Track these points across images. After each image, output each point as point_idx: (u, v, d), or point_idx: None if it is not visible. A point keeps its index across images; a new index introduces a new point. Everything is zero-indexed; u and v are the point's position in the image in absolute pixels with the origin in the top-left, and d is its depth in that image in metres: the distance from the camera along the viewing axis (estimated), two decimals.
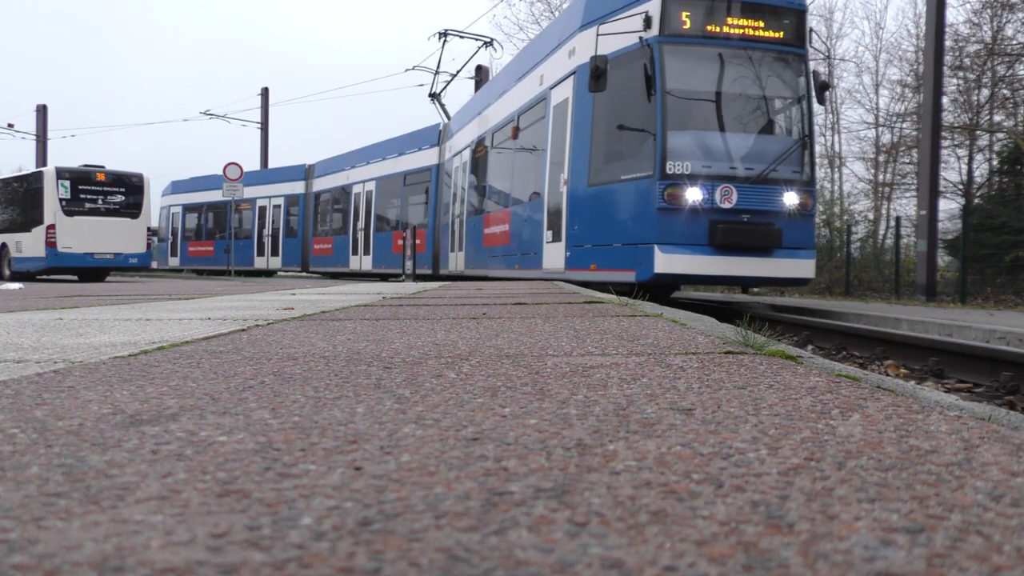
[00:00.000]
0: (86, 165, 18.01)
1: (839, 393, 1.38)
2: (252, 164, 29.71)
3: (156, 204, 29.60)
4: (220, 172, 25.68)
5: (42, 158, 31.05)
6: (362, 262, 21.42)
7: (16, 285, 10.31)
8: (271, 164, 30.19)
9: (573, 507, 0.74)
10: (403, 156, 19.97)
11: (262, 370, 1.73)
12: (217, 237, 28.52)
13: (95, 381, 1.56)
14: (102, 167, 17.98)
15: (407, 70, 25.91)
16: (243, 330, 2.82)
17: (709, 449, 0.97)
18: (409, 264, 18.47)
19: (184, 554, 0.62)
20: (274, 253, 26.18)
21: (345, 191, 22.78)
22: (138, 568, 0.59)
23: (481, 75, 23.40)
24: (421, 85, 27.10)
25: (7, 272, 17.97)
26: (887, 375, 5.17)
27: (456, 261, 16.23)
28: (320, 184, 24.58)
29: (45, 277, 18.23)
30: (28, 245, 17.55)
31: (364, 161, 22.19)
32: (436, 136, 18.97)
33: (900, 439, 1.02)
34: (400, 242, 18.55)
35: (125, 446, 1.00)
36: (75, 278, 17.58)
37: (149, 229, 18.53)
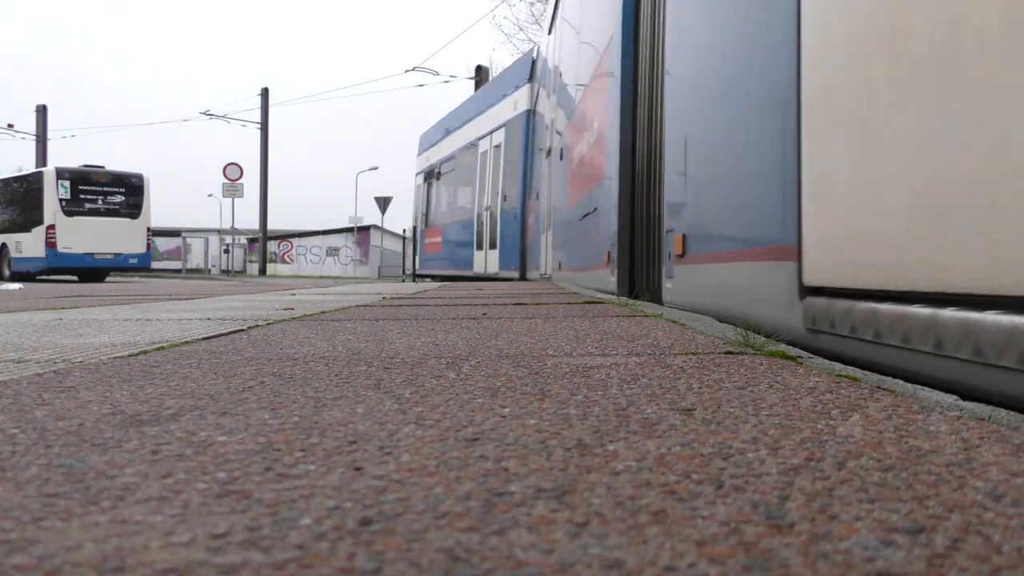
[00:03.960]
0: (86, 165, 18.02)
1: (839, 393, 1.38)
2: (252, 164, 29.56)
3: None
4: (461, 102, 16.85)
5: (42, 158, 31.03)
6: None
7: (16, 285, 10.31)
8: (270, 164, 29.27)
9: (573, 507, 0.74)
10: None
11: (262, 370, 1.73)
12: (447, 219, 18.43)
13: (95, 381, 1.56)
14: (102, 167, 18.00)
15: (407, 71, 25.87)
16: (243, 330, 2.82)
17: (709, 449, 0.97)
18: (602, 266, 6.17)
19: (184, 554, 0.62)
20: (492, 245, 14.84)
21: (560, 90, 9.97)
22: (138, 568, 0.59)
23: (481, 75, 23.44)
24: (421, 85, 27.00)
25: (7, 272, 17.98)
26: None
27: None
28: (542, 85, 12.05)
29: (45, 277, 18.23)
30: (28, 245, 17.56)
31: None
32: None
33: (900, 439, 1.02)
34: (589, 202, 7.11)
35: (125, 446, 1.00)
36: (75, 278, 17.58)
37: (148, 229, 18.51)
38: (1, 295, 7.12)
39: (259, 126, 29.42)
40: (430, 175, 19.61)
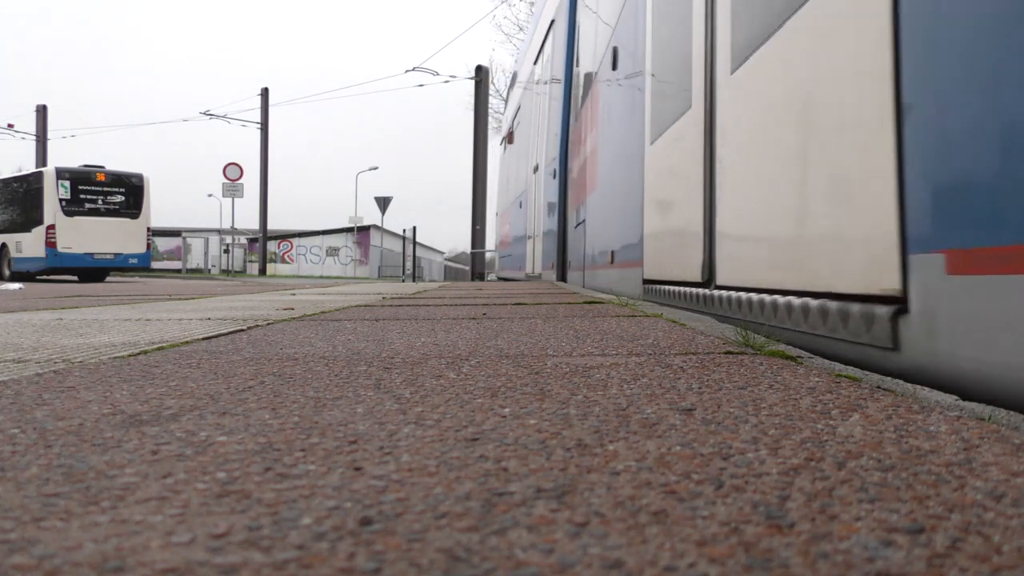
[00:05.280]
0: (86, 165, 18.01)
1: (839, 393, 1.38)
2: (252, 164, 29.51)
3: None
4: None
5: (42, 158, 31.00)
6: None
7: (16, 285, 10.31)
8: (271, 164, 29.10)
9: (573, 507, 0.74)
10: None
11: (262, 370, 1.73)
12: (510, 199, 13.82)
13: (95, 381, 1.56)
14: (102, 167, 17.98)
15: (407, 71, 25.78)
16: (243, 330, 2.82)
17: (709, 449, 0.97)
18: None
19: (184, 554, 0.62)
20: (537, 230, 11.07)
21: None
22: (138, 568, 0.59)
23: (481, 75, 23.41)
24: (421, 85, 26.98)
25: (7, 272, 17.97)
26: None
27: None
28: None
29: (45, 277, 18.23)
30: (28, 245, 17.55)
31: None
32: None
33: (900, 439, 1.02)
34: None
35: (125, 446, 1.00)
36: (75, 278, 17.57)
37: (148, 229, 18.50)
38: (1, 295, 7.12)
39: (259, 126, 29.41)
40: (504, 141, 14.65)
